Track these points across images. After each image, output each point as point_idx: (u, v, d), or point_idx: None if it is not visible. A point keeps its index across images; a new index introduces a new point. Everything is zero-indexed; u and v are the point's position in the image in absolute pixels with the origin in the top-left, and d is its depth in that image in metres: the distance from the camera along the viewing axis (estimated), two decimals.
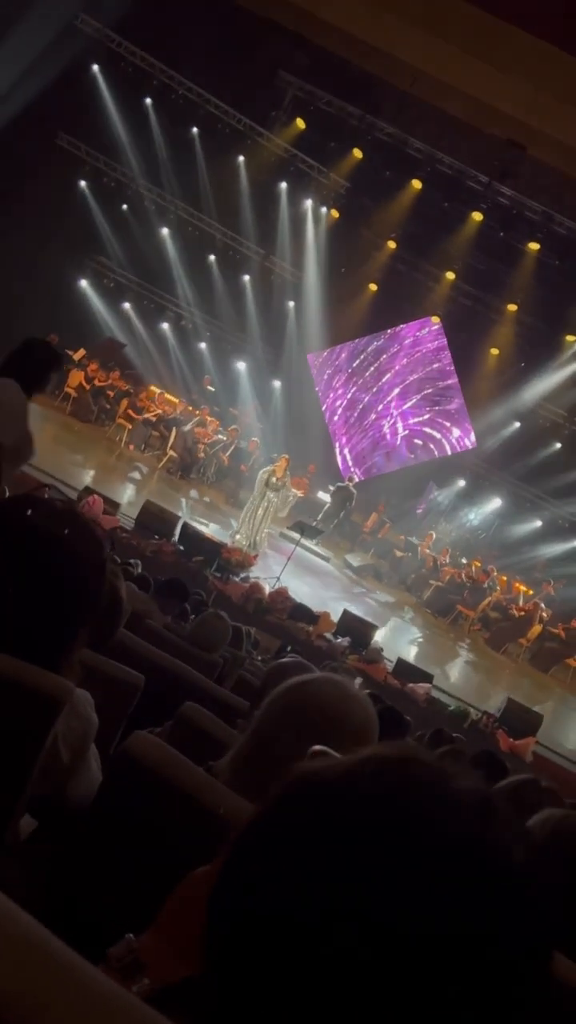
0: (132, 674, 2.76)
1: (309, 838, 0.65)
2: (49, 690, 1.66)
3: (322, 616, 11.96)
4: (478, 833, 0.64)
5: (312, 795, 0.69)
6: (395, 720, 5.07)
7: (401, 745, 0.73)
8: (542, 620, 16.79)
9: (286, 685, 1.61)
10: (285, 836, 0.67)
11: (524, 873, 0.64)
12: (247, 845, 0.69)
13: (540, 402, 20.02)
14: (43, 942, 0.68)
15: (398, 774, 0.68)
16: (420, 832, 0.63)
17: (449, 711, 11.42)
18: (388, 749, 0.72)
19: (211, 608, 6.60)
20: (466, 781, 0.67)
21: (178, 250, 19.90)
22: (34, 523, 1.66)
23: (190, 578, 11.16)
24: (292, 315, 20.73)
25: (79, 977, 0.66)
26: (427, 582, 17.45)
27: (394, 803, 0.65)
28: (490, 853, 0.63)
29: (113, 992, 0.66)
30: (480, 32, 15.40)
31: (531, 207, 17.88)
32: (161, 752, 1.66)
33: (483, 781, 0.69)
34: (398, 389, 21.37)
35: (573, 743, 13.17)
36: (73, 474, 13.29)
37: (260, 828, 0.69)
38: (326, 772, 0.70)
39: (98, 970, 0.66)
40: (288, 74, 18.38)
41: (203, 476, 17.86)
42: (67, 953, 0.67)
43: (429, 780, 0.67)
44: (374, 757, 0.70)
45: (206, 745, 2.22)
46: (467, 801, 0.65)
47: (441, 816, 0.64)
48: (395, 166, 18.47)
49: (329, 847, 0.63)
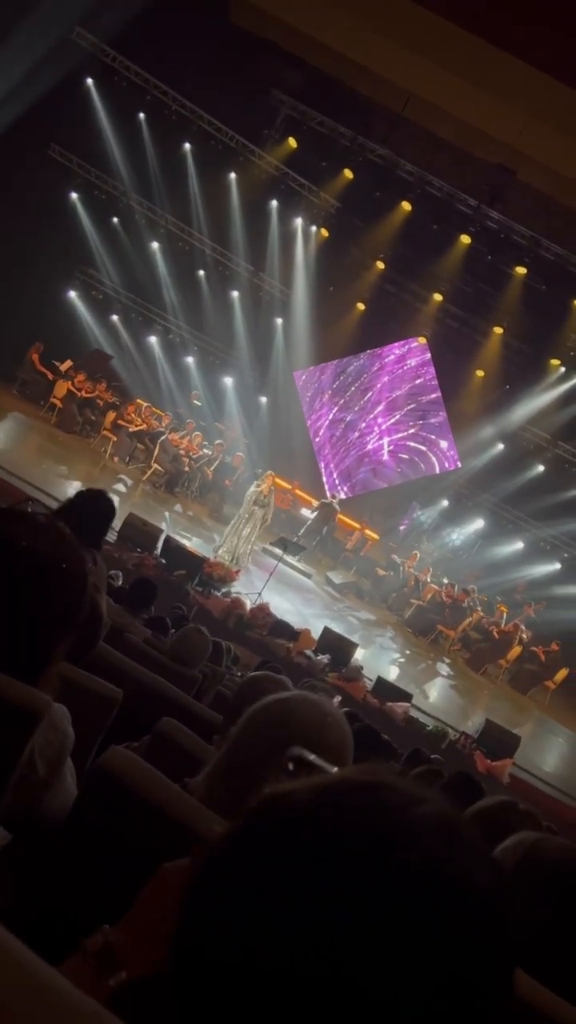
0: (110, 688, 2.76)
1: (273, 862, 0.66)
2: (26, 703, 1.65)
3: (303, 633, 11.96)
4: (440, 858, 0.64)
5: (278, 819, 0.69)
6: (373, 739, 5.08)
7: (371, 769, 0.74)
8: (522, 642, 16.83)
9: (263, 703, 1.61)
10: (250, 859, 0.68)
11: (486, 896, 0.65)
12: (213, 866, 0.70)
13: (524, 425, 20.14)
14: (4, 944, 0.69)
15: (364, 800, 0.68)
16: (382, 858, 0.64)
17: (427, 731, 11.43)
18: (357, 774, 0.72)
19: (192, 623, 6.60)
20: (431, 806, 0.68)
21: (168, 264, 19.96)
22: (16, 537, 1.66)
23: (171, 592, 11.16)
24: (280, 332, 20.81)
25: (40, 980, 0.66)
26: (408, 601, 17.47)
27: (357, 829, 0.66)
28: (451, 877, 0.64)
29: (74, 996, 0.66)
30: (473, 57, 15.59)
31: (519, 231, 18.02)
32: (137, 768, 1.66)
33: (450, 805, 0.70)
34: (383, 406, 21.46)
35: (550, 766, 13.19)
36: (57, 485, 13.25)
37: (226, 850, 0.70)
38: (293, 796, 0.70)
39: (59, 973, 0.67)
40: (281, 93, 18.51)
41: (187, 490, 17.84)
42: (28, 956, 0.67)
43: (394, 806, 0.67)
44: (342, 781, 0.71)
45: (183, 761, 2.22)
46: (430, 826, 0.66)
47: (404, 842, 0.65)
48: (385, 187, 18.59)
49: (292, 871, 0.64)
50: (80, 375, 18.45)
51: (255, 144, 18.86)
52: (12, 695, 1.65)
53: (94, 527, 4.17)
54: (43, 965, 0.67)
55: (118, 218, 19.59)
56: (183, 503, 17.22)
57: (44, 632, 1.71)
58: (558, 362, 19.42)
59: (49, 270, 18.77)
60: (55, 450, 16.11)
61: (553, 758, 13.96)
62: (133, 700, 2.90)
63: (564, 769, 13.47)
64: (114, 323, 20.47)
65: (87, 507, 4.18)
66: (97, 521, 4.22)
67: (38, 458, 14.94)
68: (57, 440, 16.92)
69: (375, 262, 20.04)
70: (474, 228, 18.30)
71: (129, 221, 19.63)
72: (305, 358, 21.05)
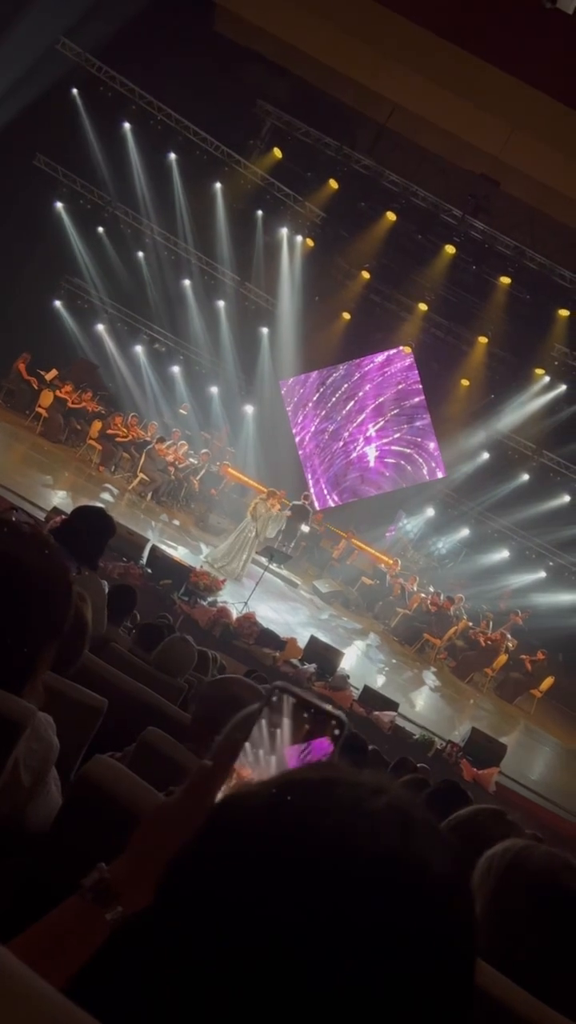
0: (95, 698, 2.75)
1: (234, 859, 0.67)
2: (11, 713, 1.65)
3: (289, 642, 11.96)
4: (397, 848, 0.65)
5: (237, 817, 0.70)
6: (358, 748, 5.08)
7: (328, 765, 0.75)
8: (508, 650, 16.87)
9: (249, 710, 1.61)
10: (211, 858, 0.69)
11: (445, 882, 0.66)
12: (177, 869, 0.71)
13: (509, 434, 20.23)
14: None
15: (321, 793, 0.69)
16: (340, 849, 0.65)
17: (414, 740, 11.43)
18: (311, 772, 0.73)
19: (178, 632, 6.58)
20: (387, 797, 0.69)
21: (153, 274, 19.98)
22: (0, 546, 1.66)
23: (157, 601, 11.13)
24: (265, 341, 20.85)
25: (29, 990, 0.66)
26: (395, 610, 17.49)
27: (315, 822, 0.66)
28: (408, 866, 0.65)
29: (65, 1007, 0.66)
30: (457, 69, 15.68)
31: (503, 242, 18.13)
32: (121, 776, 1.66)
33: (404, 793, 0.70)
34: (368, 413, 21.50)
35: (536, 774, 13.21)
36: (42, 494, 13.22)
37: (189, 852, 0.71)
38: (250, 797, 0.71)
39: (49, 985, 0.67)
40: (267, 103, 18.58)
41: (173, 499, 17.83)
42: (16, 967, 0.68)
43: (351, 797, 0.68)
44: (297, 780, 0.71)
45: (168, 770, 2.22)
46: (387, 816, 0.67)
47: (362, 832, 0.65)
48: (370, 197, 18.67)
49: (253, 868, 0.65)
50: (67, 385, 18.43)
51: (240, 154, 18.92)
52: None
53: (93, 542, 4.20)
54: (32, 975, 0.67)
55: (103, 228, 19.62)
56: (169, 513, 17.19)
57: (28, 641, 1.70)
58: (542, 371, 19.51)
59: (34, 280, 18.77)
60: (40, 459, 16.07)
61: (539, 766, 13.99)
62: (118, 710, 2.90)
63: (550, 777, 13.49)
64: (100, 333, 20.46)
65: (86, 523, 4.18)
66: (96, 537, 4.23)
67: (23, 467, 14.89)
68: (42, 449, 16.88)
69: (360, 272, 20.10)
70: (458, 238, 18.39)
71: (114, 231, 19.66)
72: (291, 367, 21.10)
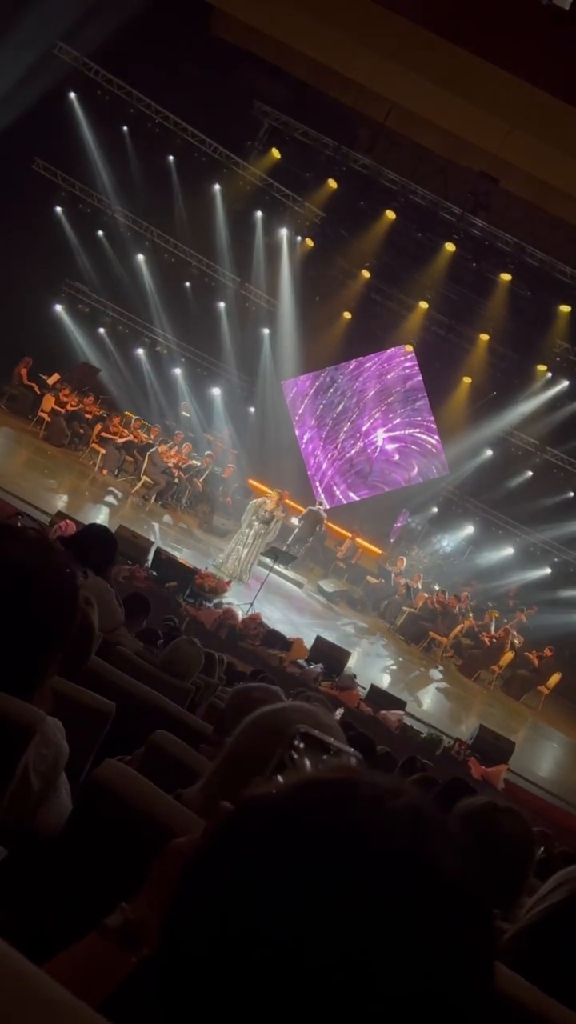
0: (103, 701, 2.75)
1: (252, 858, 0.67)
2: (20, 718, 1.65)
3: (295, 642, 11.94)
4: (413, 849, 0.66)
5: (256, 817, 0.70)
6: (366, 748, 5.08)
7: (346, 767, 0.75)
8: (514, 647, 16.85)
9: (259, 713, 1.62)
10: (230, 856, 0.69)
11: (460, 884, 0.66)
12: (194, 870, 0.71)
13: (512, 431, 20.22)
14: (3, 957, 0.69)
15: (339, 794, 0.69)
16: (357, 849, 0.65)
17: (421, 738, 11.41)
18: (330, 772, 0.74)
19: (184, 634, 6.59)
20: (405, 798, 0.69)
21: (153, 276, 19.98)
22: (5, 551, 1.66)
23: (163, 604, 11.13)
24: (267, 342, 20.85)
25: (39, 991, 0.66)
26: (400, 608, 17.48)
27: (333, 822, 0.67)
28: (425, 867, 0.65)
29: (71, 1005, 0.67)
30: (455, 67, 15.67)
31: (503, 239, 18.10)
32: (131, 780, 1.66)
33: (422, 795, 0.71)
34: (370, 411, 21.49)
35: (545, 771, 13.20)
36: (46, 498, 13.22)
37: (206, 854, 0.71)
38: (269, 797, 0.71)
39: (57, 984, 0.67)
40: (264, 104, 18.55)
41: (177, 502, 17.83)
42: (27, 967, 0.68)
43: (368, 798, 0.68)
44: (316, 781, 0.72)
45: (177, 772, 2.22)
46: (404, 817, 0.67)
47: (378, 833, 0.66)
48: (369, 197, 18.65)
49: (271, 867, 0.65)
50: (68, 388, 18.44)
51: (239, 155, 18.91)
52: (5, 710, 1.65)
53: (102, 551, 4.49)
54: (42, 976, 0.67)
55: (103, 231, 19.62)
56: (173, 515, 17.20)
57: (36, 646, 1.71)
58: (544, 367, 19.48)
59: (35, 284, 18.77)
60: (44, 464, 16.08)
61: (548, 763, 13.98)
62: (126, 713, 2.90)
63: (559, 774, 13.49)
64: (101, 336, 20.48)
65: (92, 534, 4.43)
66: (103, 545, 4.54)
67: (27, 472, 14.90)
68: (46, 454, 16.90)
69: (360, 271, 20.09)
70: (458, 236, 18.36)
71: (114, 234, 19.66)
72: (293, 367, 21.09)
